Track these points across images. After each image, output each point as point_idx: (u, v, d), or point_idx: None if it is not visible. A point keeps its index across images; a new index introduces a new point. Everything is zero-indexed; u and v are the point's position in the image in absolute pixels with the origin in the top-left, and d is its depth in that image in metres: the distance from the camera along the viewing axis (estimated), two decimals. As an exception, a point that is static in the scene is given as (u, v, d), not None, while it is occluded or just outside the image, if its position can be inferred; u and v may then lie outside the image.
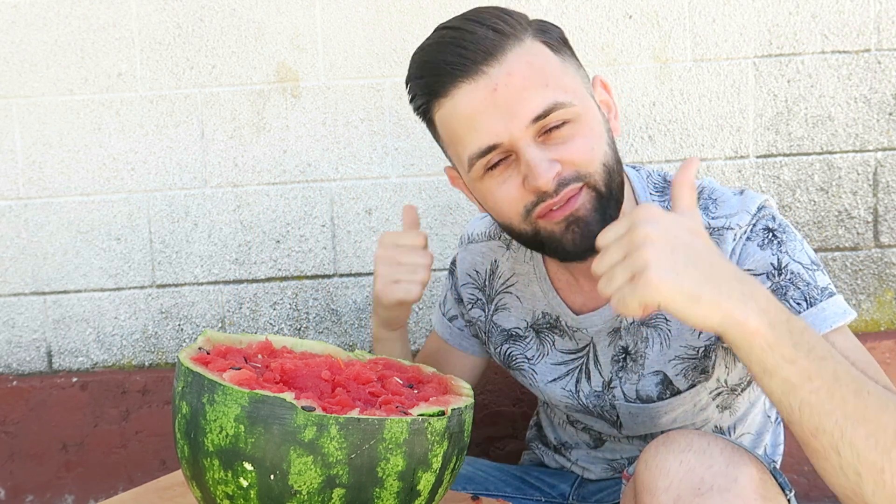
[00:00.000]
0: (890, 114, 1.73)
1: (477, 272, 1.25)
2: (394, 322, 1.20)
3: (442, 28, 0.99)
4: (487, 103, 0.94)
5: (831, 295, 0.95)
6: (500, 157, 0.97)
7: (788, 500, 0.90)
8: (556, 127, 0.96)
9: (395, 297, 1.12)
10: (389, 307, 1.14)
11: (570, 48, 1.03)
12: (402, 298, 1.12)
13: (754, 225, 1.00)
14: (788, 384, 0.77)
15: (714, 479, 0.81)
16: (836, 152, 1.74)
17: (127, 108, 1.73)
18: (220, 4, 1.71)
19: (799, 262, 0.97)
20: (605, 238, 0.83)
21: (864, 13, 1.71)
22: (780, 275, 0.96)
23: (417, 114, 1.05)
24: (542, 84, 0.95)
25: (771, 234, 0.99)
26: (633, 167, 1.13)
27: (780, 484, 0.89)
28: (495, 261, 1.23)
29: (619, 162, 1.02)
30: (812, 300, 0.94)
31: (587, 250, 0.97)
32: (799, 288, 0.95)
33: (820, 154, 1.74)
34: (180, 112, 1.74)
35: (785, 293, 0.95)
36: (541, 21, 1.02)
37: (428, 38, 1.00)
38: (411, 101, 1.04)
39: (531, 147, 0.95)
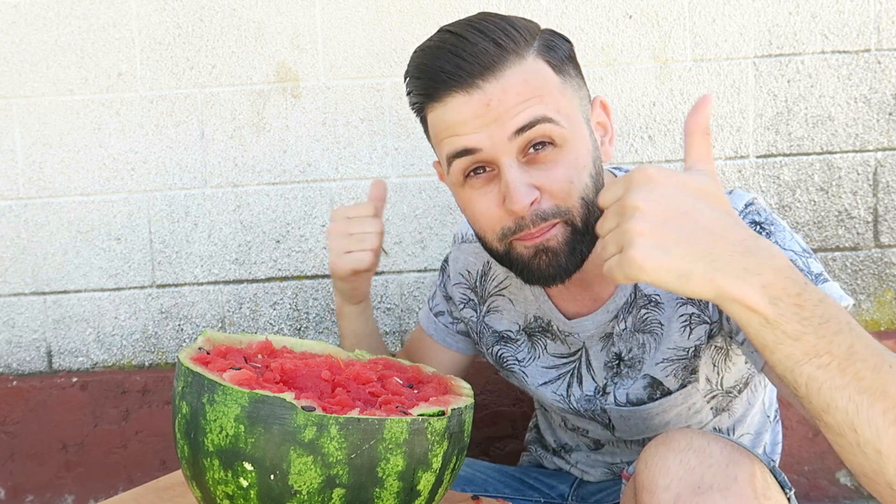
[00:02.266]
0: (890, 114, 1.73)
1: (469, 272, 1.25)
2: (353, 294, 1.22)
3: (445, 31, 0.98)
4: (478, 115, 0.94)
5: (825, 281, 0.94)
6: (479, 166, 0.97)
7: (788, 499, 0.90)
8: (540, 148, 0.95)
9: (347, 267, 1.15)
10: (344, 278, 1.17)
11: (575, 65, 1.02)
12: (354, 268, 1.15)
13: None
14: (792, 360, 0.72)
15: (714, 477, 0.81)
16: (836, 152, 1.74)
17: (127, 108, 1.73)
18: (220, 4, 1.71)
19: (791, 250, 0.97)
20: (604, 200, 0.77)
21: (864, 13, 1.71)
22: None
23: (413, 109, 1.05)
24: (535, 100, 0.94)
25: (759, 227, 0.99)
26: (617, 168, 1.13)
27: (779, 483, 0.89)
28: (487, 262, 1.23)
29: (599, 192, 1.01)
30: None
31: (552, 278, 0.99)
32: None
33: (820, 154, 1.74)
34: (180, 112, 1.74)
35: None
36: (550, 35, 1.00)
37: (430, 39, 1.00)
38: (408, 94, 1.04)
39: (513, 167, 0.94)
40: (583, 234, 0.98)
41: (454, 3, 1.70)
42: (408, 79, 1.02)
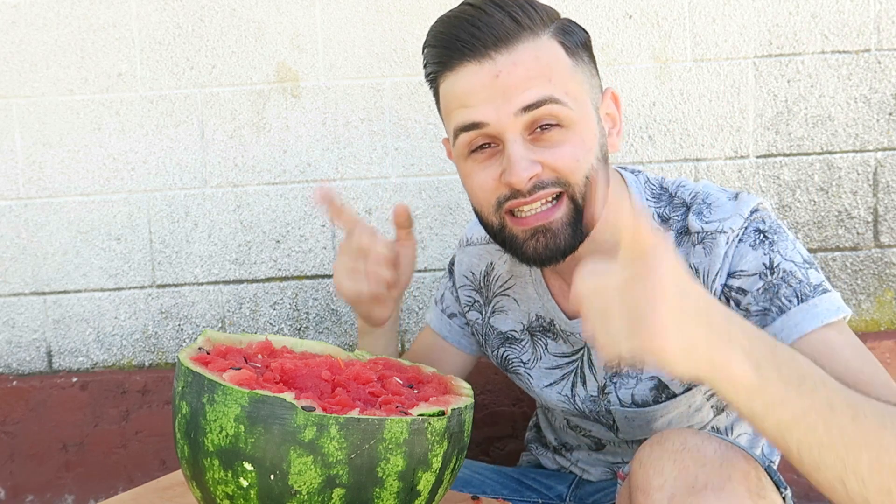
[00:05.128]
0: (890, 114, 1.73)
1: (473, 274, 1.26)
2: (369, 318, 1.16)
3: (466, 3, 1.00)
4: (486, 86, 0.96)
5: (825, 292, 0.95)
6: (485, 141, 0.98)
7: (784, 499, 0.90)
8: (547, 128, 0.96)
9: (348, 293, 1.10)
10: (350, 302, 1.13)
11: (589, 54, 1.03)
12: (351, 297, 1.11)
13: (746, 228, 1.00)
14: (782, 425, 0.73)
15: (708, 477, 0.81)
16: (836, 152, 1.74)
17: (127, 108, 1.73)
18: (220, 4, 1.71)
19: (791, 261, 0.97)
20: (587, 283, 0.72)
21: (864, 13, 1.71)
22: (772, 273, 0.97)
23: (427, 80, 1.06)
24: (544, 79, 0.95)
25: (762, 235, 0.99)
26: (633, 171, 1.13)
27: (775, 482, 0.89)
28: (491, 263, 1.23)
29: (605, 179, 1.01)
30: (804, 296, 0.94)
31: (547, 259, 0.99)
32: (791, 285, 0.95)
33: (820, 154, 1.74)
34: (180, 112, 1.74)
35: (777, 291, 0.95)
36: (568, 22, 1.02)
37: (451, 10, 1.02)
38: (424, 66, 1.05)
39: (517, 142, 0.96)
40: (581, 212, 0.99)
41: (454, 3, 1.70)
42: (425, 50, 1.04)
